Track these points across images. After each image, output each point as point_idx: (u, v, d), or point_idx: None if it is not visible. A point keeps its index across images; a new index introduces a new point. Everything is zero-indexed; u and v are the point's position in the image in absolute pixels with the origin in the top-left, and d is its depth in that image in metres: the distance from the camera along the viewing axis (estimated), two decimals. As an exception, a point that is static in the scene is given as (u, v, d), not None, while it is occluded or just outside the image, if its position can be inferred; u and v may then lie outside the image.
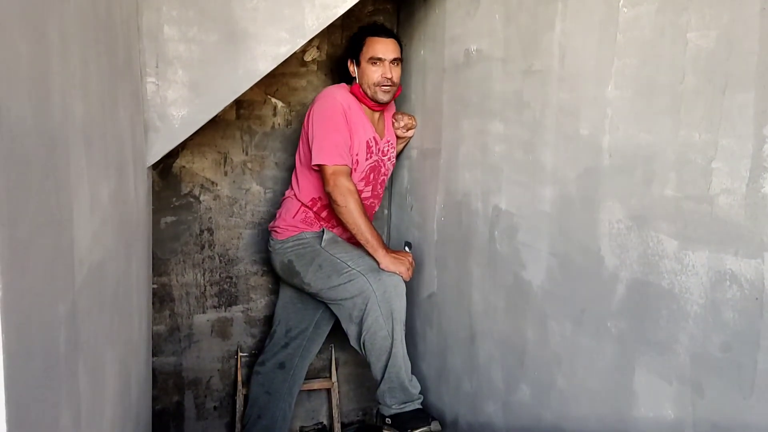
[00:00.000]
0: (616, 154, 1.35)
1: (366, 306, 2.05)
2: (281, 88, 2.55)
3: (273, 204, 2.59)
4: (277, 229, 2.31)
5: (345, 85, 2.29)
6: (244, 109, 2.52)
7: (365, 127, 2.24)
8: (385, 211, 2.78)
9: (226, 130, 2.51)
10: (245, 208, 2.59)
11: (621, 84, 1.32)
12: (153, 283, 2.43)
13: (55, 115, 0.85)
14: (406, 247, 2.30)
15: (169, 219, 2.49)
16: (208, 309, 2.61)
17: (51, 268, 0.82)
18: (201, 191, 2.52)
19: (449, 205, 2.16)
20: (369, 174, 2.30)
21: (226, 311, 2.64)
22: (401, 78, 2.28)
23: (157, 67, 1.69)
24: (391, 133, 2.39)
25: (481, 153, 1.92)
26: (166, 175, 2.46)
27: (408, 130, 2.40)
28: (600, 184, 1.40)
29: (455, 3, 2.07)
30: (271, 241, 2.35)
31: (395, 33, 2.30)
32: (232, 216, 2.58)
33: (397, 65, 2.22)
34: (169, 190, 2.48)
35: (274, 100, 2.55)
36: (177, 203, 2.50)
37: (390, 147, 2.38)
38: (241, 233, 2.60)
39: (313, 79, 2.57)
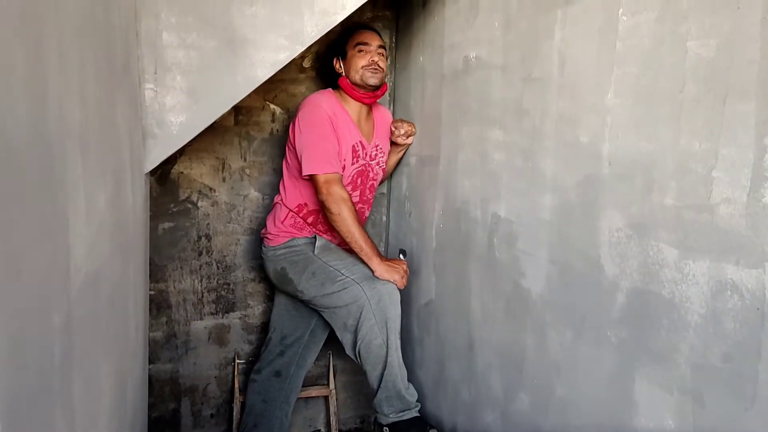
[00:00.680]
0: (616, 162, 1.34)
1: (360, 314, 2.04)
2: (280, 94, 2.54)
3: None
4: (269, 236, 2.30)
5: (330, 90, 2.29)
6: (243, 115, 2.52)
7: (351, 132, 2.24)
8: (384, 217, 2.77)
9: (225, 136, 2.51)
10: (243, 214, 2.58)
11: (621, 92, 1.32)
12: (150, 289, 2.42)
13: (52, 123, 0.84)
14: (401, 255, 2.29)
15: (166, 225, 2.48)
16: (205, 315, 2.60)
17: (46, 277, 0.81)
18: (199, 197, 2.51)
19: (448, 212, 2.15)
20: (356, 179, 2.30)
21: (223, 318, 2.63)
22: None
23: (155, 73, 1.68)
24: (381, 137, 2.39)
25: (481, 160, 1.91)
26: (164, 181, 2.46)
27: (408, 137, 2.40)
28: (600, 192, 1.39)
29: (454, 10, 2.07)
30: (263, 248, 2.34)
31: (378, 31, 2.34)
32: (230, 222, 2.57)
33: (383, 54, 2.25)
34: (167, 195, 2.47)
35: (273, 107, 2.55)
36: (175, 209, 2.49)
37: (379, 151, 2.38)
38: (239, 239, 2.59)
39: (312, 85, 2.57)
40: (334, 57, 2.31)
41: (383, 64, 2.25)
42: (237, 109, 2.47)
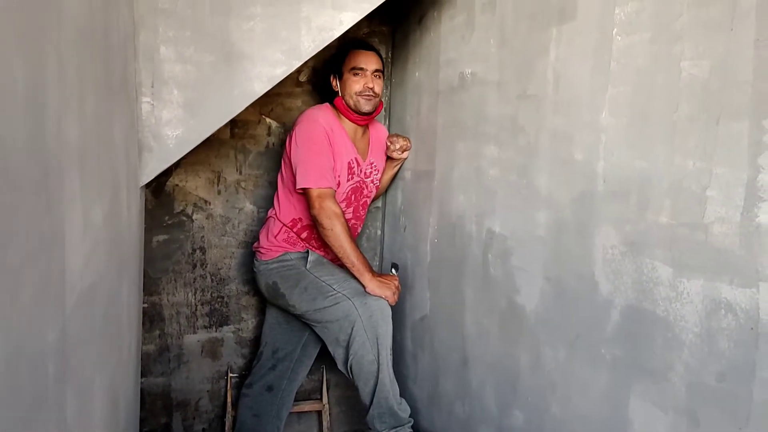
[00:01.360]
0: (611, 179, 1.35)
1: (352, 330, 2.03)
2: (276, 108, 2.55)
3: (266, 223, 2.57)
4: (261, 250, 2.30)
5: (327, 105, 2.30)
6: (239, 129, 2.52)
7: (347, 148, 2.25)
8: (378, 231, 2.77)
9: (221, 149, 2.51)
10: (238, 227, 2.58)
11: (615, 111, 1.33)
12: (143, 302, 2.41)
13: (50, 138, 0.84)
14: (393, 270, 2.29)
15: (161, 237, 2.47)
16: (198, 329, 2.58)
17: (42, 293, 0.80)
18: (194, 210, 2.51)
19: (443, 227, 2.16)
20: (350, 195, 2.31)
21: (216, 331, 2.62)
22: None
23: (152, 87, 1.68)
24: (376, 155, 2.39)
25: (476, 176, 1.92)
26: (159, 193, 2.45)
27: (403, 152, 2.40)
28: (594, 209, 1.40)
29: (450, 27, 2.09)
30: (255, 262, 2.34)
31: (376, 49, 2.34)
32: (224, 235, 2.57)
33: (379, 77, 2.25)
34: (162, 208, 2.47)
35: (269, 120, 2.55)
36: (169, 222, 2.48)
37: (373, 169, 2.38)
38: (233, 252, 2.59)
39: (308, 99, 2.58)
40: (330, 73, 2.32)
41: (379, 89, 2.25)
42: (233, 123, 2.47)
